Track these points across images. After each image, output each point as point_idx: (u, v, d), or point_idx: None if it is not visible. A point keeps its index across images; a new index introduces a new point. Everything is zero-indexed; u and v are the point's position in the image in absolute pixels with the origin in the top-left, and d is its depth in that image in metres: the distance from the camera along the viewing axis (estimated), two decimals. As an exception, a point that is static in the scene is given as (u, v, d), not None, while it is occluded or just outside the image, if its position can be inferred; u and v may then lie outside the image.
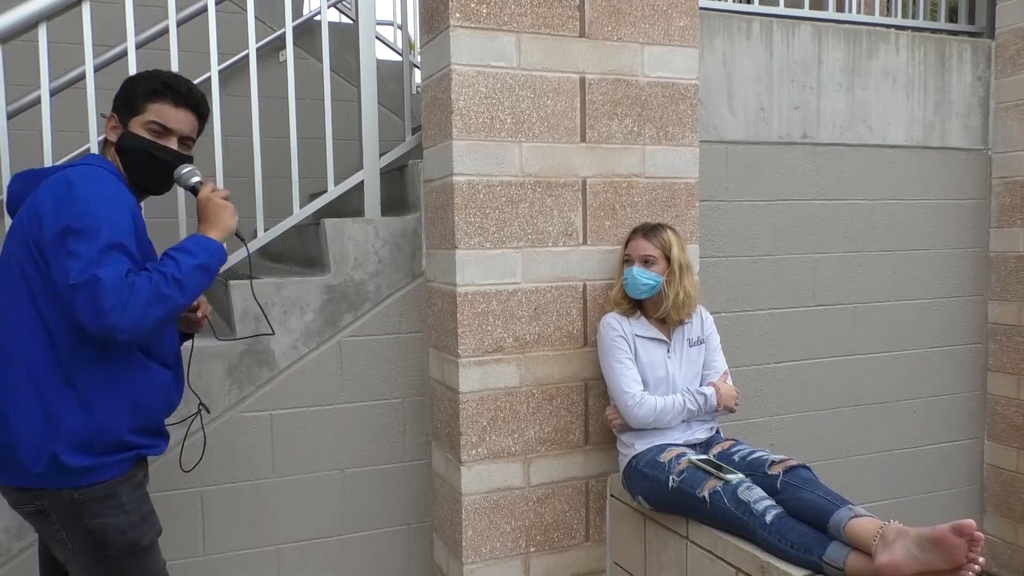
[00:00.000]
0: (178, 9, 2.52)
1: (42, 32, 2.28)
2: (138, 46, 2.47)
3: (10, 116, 2.36)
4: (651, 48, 2.63)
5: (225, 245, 1.91)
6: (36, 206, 1.70)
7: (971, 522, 1.66)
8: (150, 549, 1.84)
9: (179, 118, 1.86)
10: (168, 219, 2.57)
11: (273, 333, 2.51)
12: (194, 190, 1.92)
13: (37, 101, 3.09)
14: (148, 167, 1.86)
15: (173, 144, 1.87)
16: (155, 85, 1.84)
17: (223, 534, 2.53)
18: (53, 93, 2.39)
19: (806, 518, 1.98)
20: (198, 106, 1.91)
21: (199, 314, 2.08)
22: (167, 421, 1.98)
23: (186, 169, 1.90)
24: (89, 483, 1.72)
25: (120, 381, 1.74)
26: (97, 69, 2.48)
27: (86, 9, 2.32)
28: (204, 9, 2.78)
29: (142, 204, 1.94)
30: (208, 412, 2.38)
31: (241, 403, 2.53)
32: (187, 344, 2.14)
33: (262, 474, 2.57)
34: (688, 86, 2.70)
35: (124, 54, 2.47)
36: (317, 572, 2.65)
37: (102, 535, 1.74)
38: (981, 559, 1.69)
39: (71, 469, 1.69)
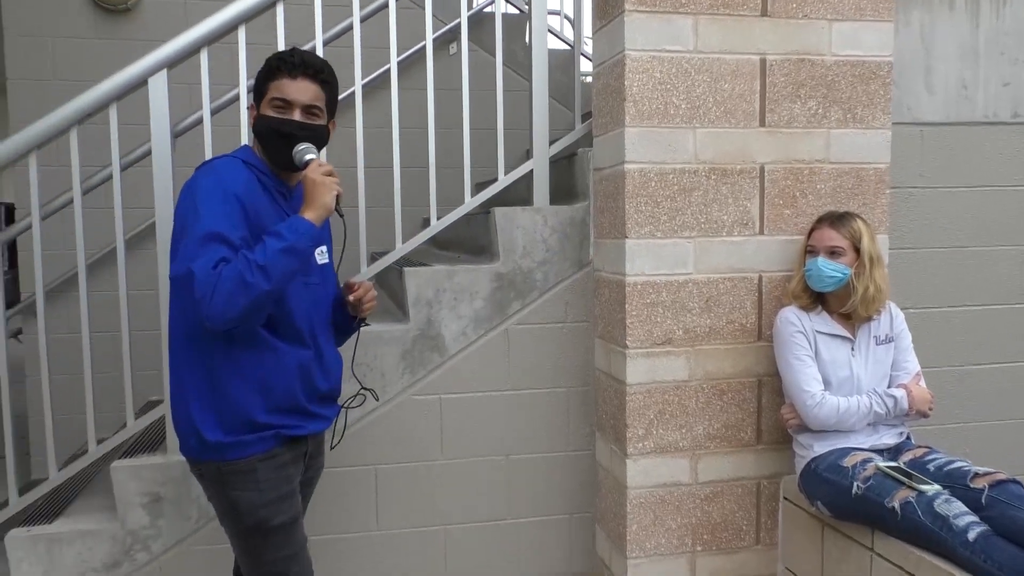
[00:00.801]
0: (360, 7, 2.62)
1: (241, 33, 2.45)
2: (324, 43, 2.60)
3: (213, 113, 2.55)
4: (840, 24, 2.45)
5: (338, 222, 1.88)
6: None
7: None
8: (283, 529, 1.87)
9: (298, 88, 1.83)
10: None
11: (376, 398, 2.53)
12: (306, 167, 1.85)
13: (235, 99, 3.35)
14: (277, 143, 1.84)
15: (297, 116, 1.84)
16: (271, 64, 1.85)
17: (395, 511, 2.64)
18: (250, 91, 2.56)
19: (1018, 539, 1.79)
20: (317, 73, 1.86)
21: (351, 298, 2.03)
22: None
23: (301, 147, 1.85)
24: (231, 458, 1.81)
25: (247, 363, 1.80)
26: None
27: (279, 10, 2.47)
28: (384, 6, 2.89)
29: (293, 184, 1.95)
30: (376, 399, 2.47)
31: (413, 386, 2.62)
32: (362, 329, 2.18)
33: (431, 456, 2.65)
34: (881, 63, 2.50)
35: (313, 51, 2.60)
36: (482, 554, 2.71)
37: (236, 507, 1.83)
38: None
39: (213, 445, 1.80)
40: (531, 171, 2.74)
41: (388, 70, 2.69)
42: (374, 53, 3.02)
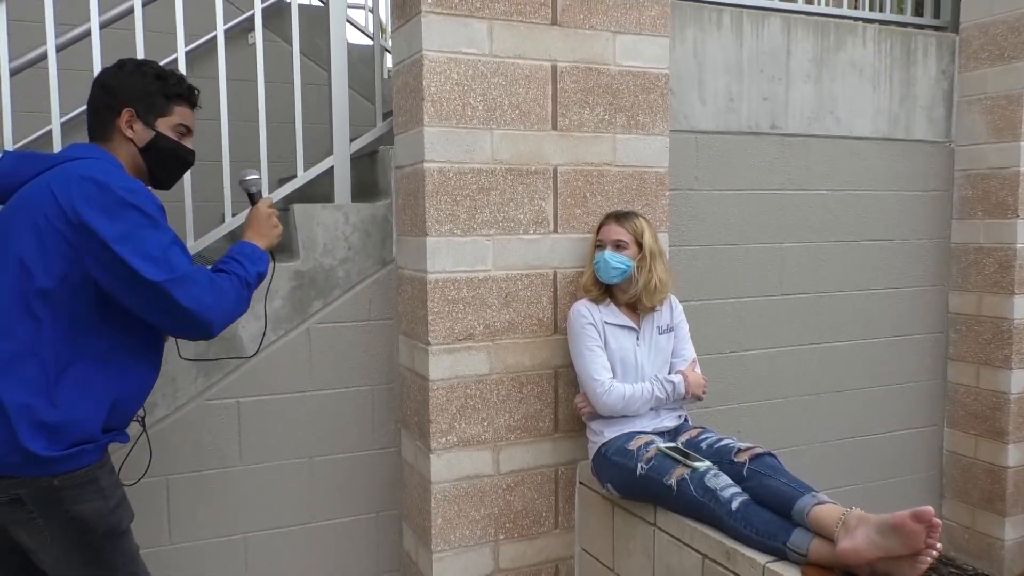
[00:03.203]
0: (143, -12, 2.46)
1: (1, 9, 2.22)
2: (102, 26, 2.42)
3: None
4: (623, 37, 2.63)
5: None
6: (57, 199, 1.65)
7: (929, 509, 1.69)
8: (127, 533, 1.84)
9: (194, 119, 1.97)
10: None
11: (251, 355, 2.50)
12: (252, 198, 2.11)
13: None
14: (176, 168, 1.96)
15: (191, 144, 1.96)
16: (180, 89, 1.91)
17: (189, 523, 2.51)
18: (13, 73, 2.33)
19: (771, 505, 2.01)
20: None
21: None
22: None
23: (251, 176, 2.13)
24: (68, 470, 1.70)
25: (107, 382, 1.74)
26: (59, 49, 2.43)
27: (47, -13, 2.27)
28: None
29: None
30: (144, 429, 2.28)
31: (208, 391, 2.50)
32: None
33: (229, 462, 2.55)
34: (659, 75, 2.70)
35: (87, 35, 2.41)
36: (285, 561, 2.64)
37: (83, 521, 1.73)
38: (939, 545, 1.73)
39: (45, 459, 1.66)
40: (333, 167, 2.70)
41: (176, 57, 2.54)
42: (161, 39, 2.84)
